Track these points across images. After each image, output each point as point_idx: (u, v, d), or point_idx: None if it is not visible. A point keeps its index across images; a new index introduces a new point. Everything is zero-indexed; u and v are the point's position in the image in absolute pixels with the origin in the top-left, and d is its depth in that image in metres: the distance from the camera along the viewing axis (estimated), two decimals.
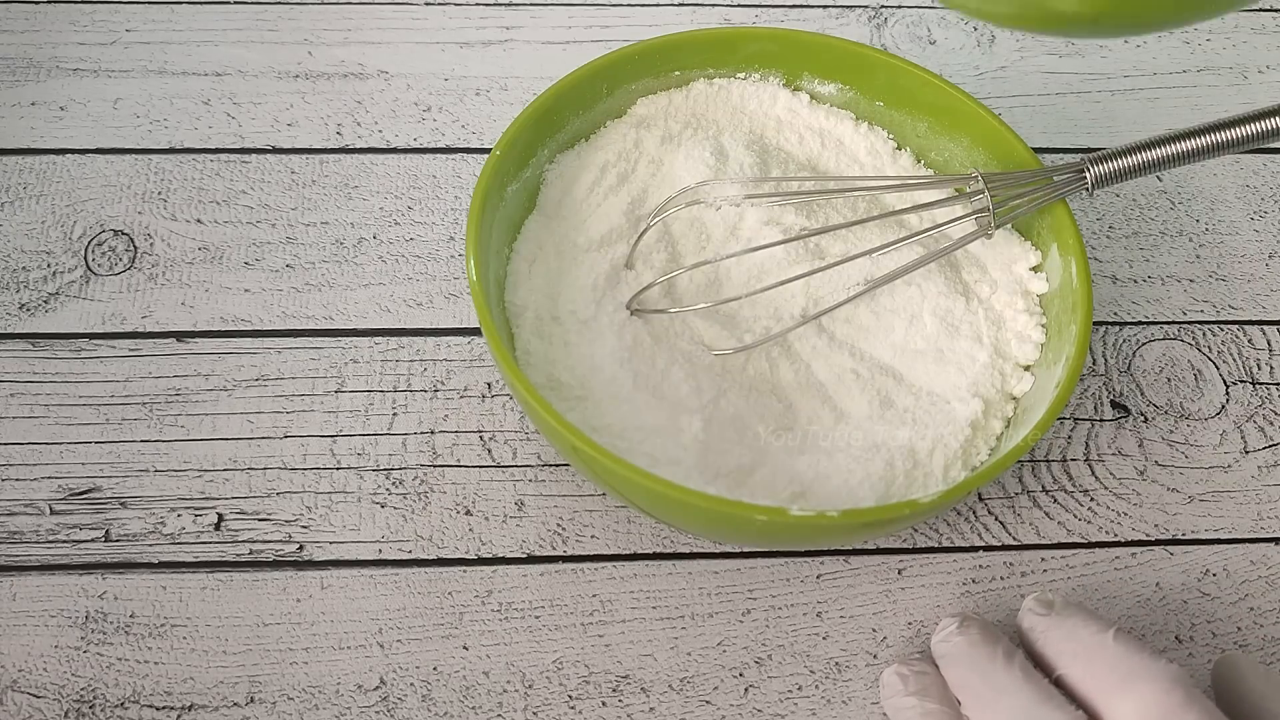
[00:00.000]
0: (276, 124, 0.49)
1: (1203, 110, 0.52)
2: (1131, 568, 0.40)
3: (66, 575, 0.37)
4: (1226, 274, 0.47)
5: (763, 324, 0.39)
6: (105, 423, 0.40)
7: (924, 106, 0.43)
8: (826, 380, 0.38)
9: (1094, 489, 0.41)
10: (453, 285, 0.44)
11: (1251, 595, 0.39)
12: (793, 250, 0.39)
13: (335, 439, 0.41)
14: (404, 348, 0.43)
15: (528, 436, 0.41)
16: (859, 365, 0.38)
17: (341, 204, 0.46)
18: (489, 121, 0.49)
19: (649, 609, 0.38)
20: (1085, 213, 0.48)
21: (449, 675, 0.36)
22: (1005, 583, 0.39)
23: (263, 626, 0.37)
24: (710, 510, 0.32)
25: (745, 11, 0.54)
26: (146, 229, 0.45)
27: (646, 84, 0.43)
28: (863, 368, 0.38)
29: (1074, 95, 0.52)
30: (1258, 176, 0.50)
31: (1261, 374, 0.44)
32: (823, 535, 0.36)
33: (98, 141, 0.47)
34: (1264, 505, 0.41)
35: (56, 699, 0.35)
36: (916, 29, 0.54)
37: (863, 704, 0.36)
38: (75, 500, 0.39)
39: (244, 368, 0.42)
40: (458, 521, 0.39)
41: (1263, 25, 0.56)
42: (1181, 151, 0.39)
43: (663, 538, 0.39)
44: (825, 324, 0.39)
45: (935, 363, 0.39)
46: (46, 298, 0.43)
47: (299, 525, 0.39)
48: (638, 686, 0.36)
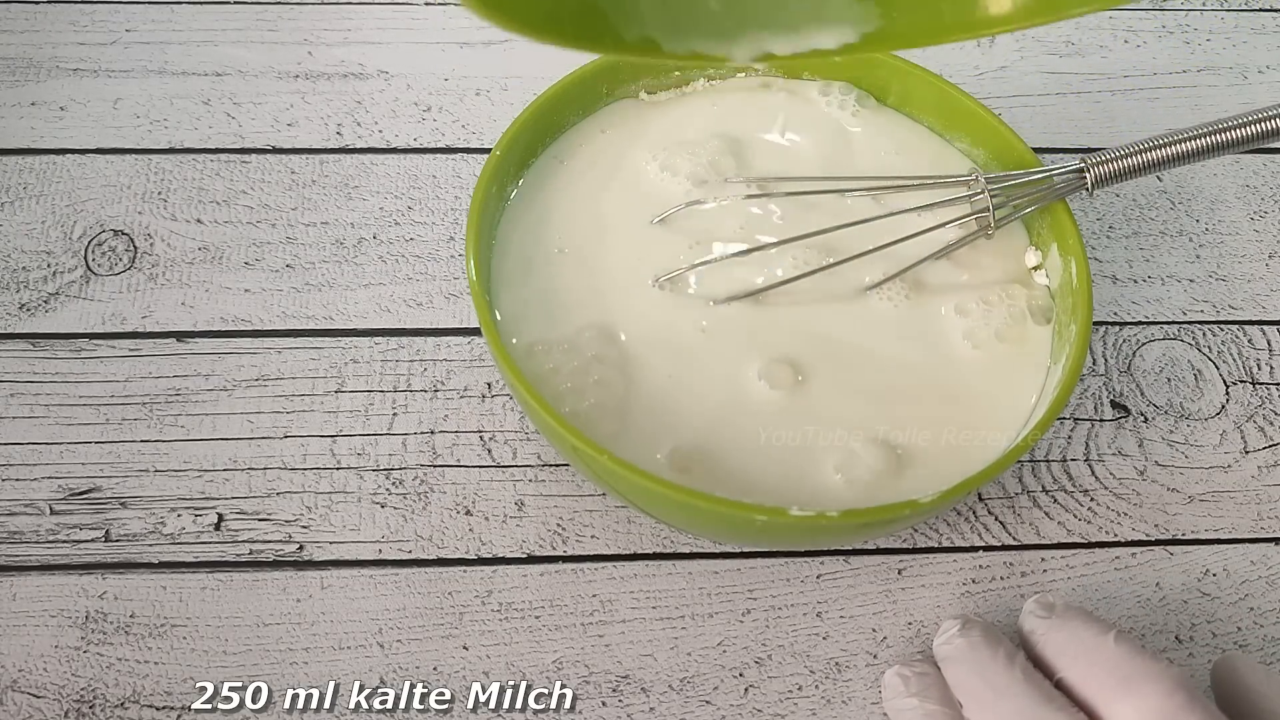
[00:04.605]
0: (276, 124, 0.49)
1: (1203, 110, 0.52)
2: (1131, 568, 0.40)
3: (66, 575, 0.37)
4: (1226, 274, 0.47)
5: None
6: (105, 423, 0.40)
7: (924, 106, 0.43)
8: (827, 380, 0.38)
9: (1094, 489, 0.41)
10: (453, 285, 0.44)
11: (1251, 595, 0.39)
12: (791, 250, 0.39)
13: (335, 439, 0.41)
14: (404, 348, 0.43)
15: (528, 436, 0.41)
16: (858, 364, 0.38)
17: (341, 204, 0.46)
18: (489, 121, 0.49)
19: (649, 609, 0.38)
20: (1085, 213, 0.48)
21: (449, 675, 0.36)
22: (1005, 583, 0.39)
23: (263, 626, 0.37)
24: (710, 510, 0.32)
25: None
26: (146, 229, 0.45)
27: (646, 84, 0.43)
28: (863, 367, 0.38)
29: (1074, 95, 0.52)
30: (1258, 176, 0.50)
31: (1261, 374, 0.44)
32: (823, 535, 0.36)
33: (98, 141, 0.47)
34: (1264, 505, 0.41)
35: (56, 699, 0.35)
36: None
37: (863, 704, 0.36)
38: (75, 500, 0.39)
39: (244, 368, 0.42)
40: (458, 521, 0.39)
41: (1263, 25, 0.56)
42: (1181, 151, 0.39)
43: (663, 538, 0.39)
44: (825, 325, 0.39)
45: (936, 362, 0.39)
46: (46, 298, 0.43)
47: (299, 525, 0.39)
48: (638, 686, 0.36)
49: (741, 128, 0.43)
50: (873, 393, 0.38)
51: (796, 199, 0.41)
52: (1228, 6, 0.57)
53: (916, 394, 0.38)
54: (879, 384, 0.38)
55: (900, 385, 0.38)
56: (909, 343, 0.39)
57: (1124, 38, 0.55)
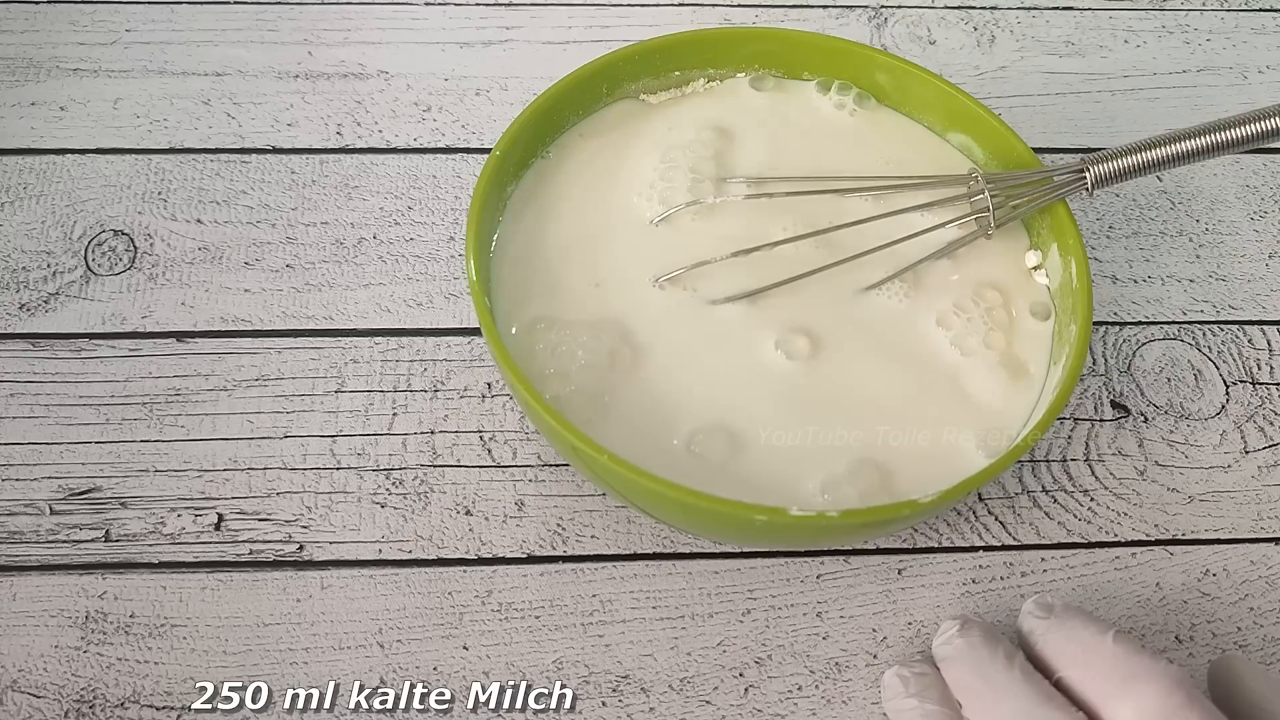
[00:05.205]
0: (276, 124, 0.49)
1: (1203, 110, 0.52)
2: (1131, 568, 0.40)
3: (66, 575, 0.37)
4: (1226, 274, 0.47)
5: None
6: (105, 423, 0.40)
7: (924, 106, 0.43)
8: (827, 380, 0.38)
9: (1094, 489, 0.41)
10: (453, 285, 0.44)
11: (1251, 595, 0.39)
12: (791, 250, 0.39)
13: (335, 439, 0.41)
14: (404, 348, 0.43)
15: (528, 436, 0.41)
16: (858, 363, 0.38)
17: (341, 204, 0.46)
18: (489, 121, 0.49)
19: (649, 609, 0.38)
20: (1085, 213, 0.48)
21: (449, 675, 0.36)
22: (1005, 583, 0.39)
23: (263, 626, 0.37)
24: (710, 510, 0.32)
25: (745, 11, 0.54)
26: (146, 229, 0.45)
27: (646, 84, 0.43)
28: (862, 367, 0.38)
29: (1074, 95, 0.53)
30: (1258, 176, 0.50)
31: (1261, 374, 0.44)
32: (823, 535, 0.36)
33: (98, 141, 0.47)
34: (1264, 505, 0.41)
35: (56, 699, 0.35)
36: (916, 29, 0.54)
37: (863, 704, 0.36)
38: (75, 500, 0.39)
39: (244, 368, 0.42)
40: (458, 521, 0.39)
41: (1263, 25, 0.56)
42: (1181, 151, 0.39)
43: (663, 538, 0.39)
44: (826, 325, 0.39)
45: (935, 361, 0.39)
46: (46, 298, 0.43)
47: (299, 525, 0.39)
48: (638, 686, 0.36)
49: (741, 128, 0.43)
50: (872, 392, 0.38)
51: (795, 199, 0.41)
52: (1228, 6, 0.57)
53: (916, 393, 0.38)
54: (878, 383, 0.38)
55: (899, 384, 0.38)
56: (908, 342, 0.39)
57: (1124, 38, 0.55)
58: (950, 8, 0.55)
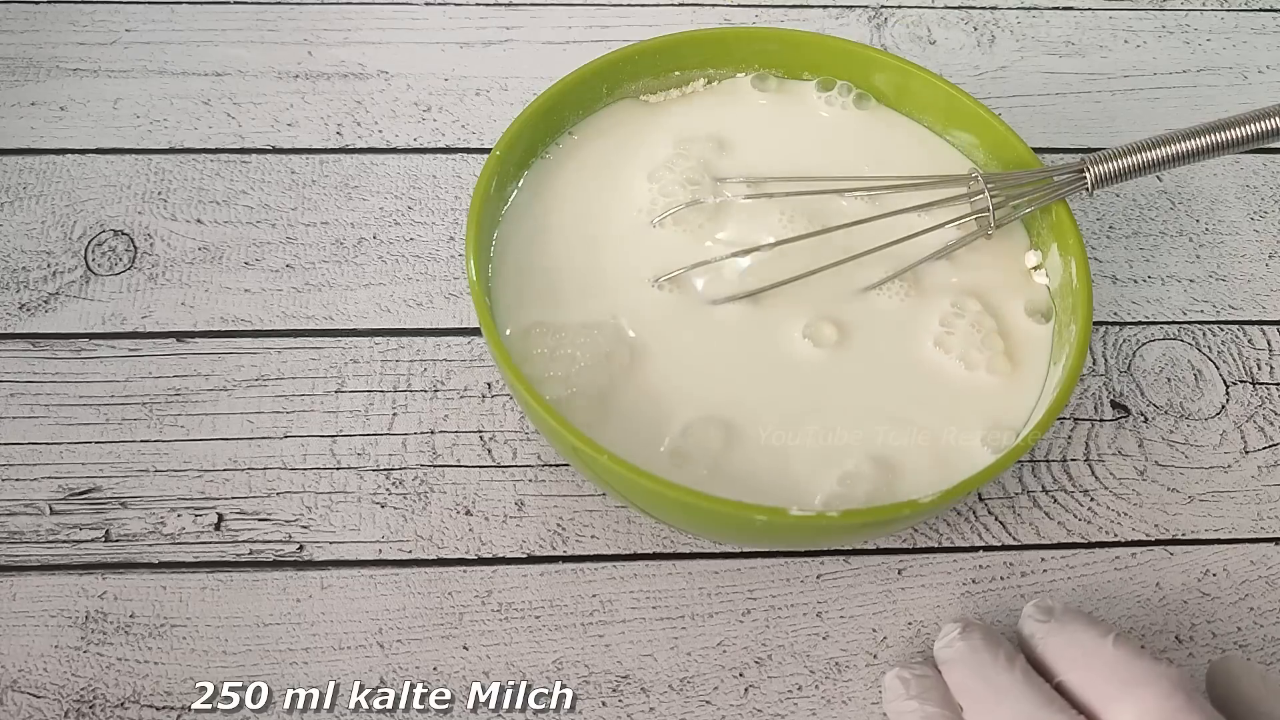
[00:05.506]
0: (276, 124, 0.49)
1: (1203, 110, 0.52)
2: (1131, 568, 0.40)
3: (66, 575, 0.37)
4: (1226, 274, 0.47)
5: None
6: (105, 423, 0.40)
7: (924, 106, 0.43)
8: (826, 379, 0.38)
9: (1094, 489, 0.41)
10: (453, 285, 0.44)
11: (1251, 595, 0.39)
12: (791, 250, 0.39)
13: (335, 439, 0.41)
14: (404, 348, 0.43)
15: (528, 436, 0.41)
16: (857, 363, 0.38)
17: (341, 204, 0.46)
18: (489, 121, 0.49)
19: (649, 609, 0.38)
20: (1085, 213, 0.48)
21: (449, 675, 0.36)
22: (1005, 583, 0.39)
23: (263, 626, 0.37)
24: (710, 510, 0.32)
25: (745, 11, 0.54)
26: (146, 229, 0.45)
27: (646, 84, 0.43)
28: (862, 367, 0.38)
29: (1074, 95, 0.53)
30: (1258, 176, 0.50)
31: (1261, 374, 0.44)
32: (823, 535, 0.36)
33: (98, 141, 0.47)
34: (1264, 505, 0.41)
35: (56, 699, 0.35)
36: (916, 29, 0.54)
37: (863, 704, 0.36)
38: (75, 500, 0.39)
39: (244, 368, 0.42)
40: (458, 521, 0.39)
41: (1263, 25, 0.56)
42: (1181, 151, 0.39)
43: (663, 538, 0.39)
44: (826, 325, 0.39)
45: (935, 361, 0.39)
46: (46, 298, 0.43)
47: (299, 525, 0.39)
48: (638, 686, 0.36)
49: (741, 128, 0.43)
50: (872, 392, 0.38)
51: (795, 199, 0.41)
52: (1228, 6, 0.57)
53: (916, 392, 0.38)
54: (878, 383, 0.38)
55: (899, 383, 0.38)
56: (908, 342, 0.39)
57: (1124, 38, 0.55)
58: (950, 8, 0.55)
